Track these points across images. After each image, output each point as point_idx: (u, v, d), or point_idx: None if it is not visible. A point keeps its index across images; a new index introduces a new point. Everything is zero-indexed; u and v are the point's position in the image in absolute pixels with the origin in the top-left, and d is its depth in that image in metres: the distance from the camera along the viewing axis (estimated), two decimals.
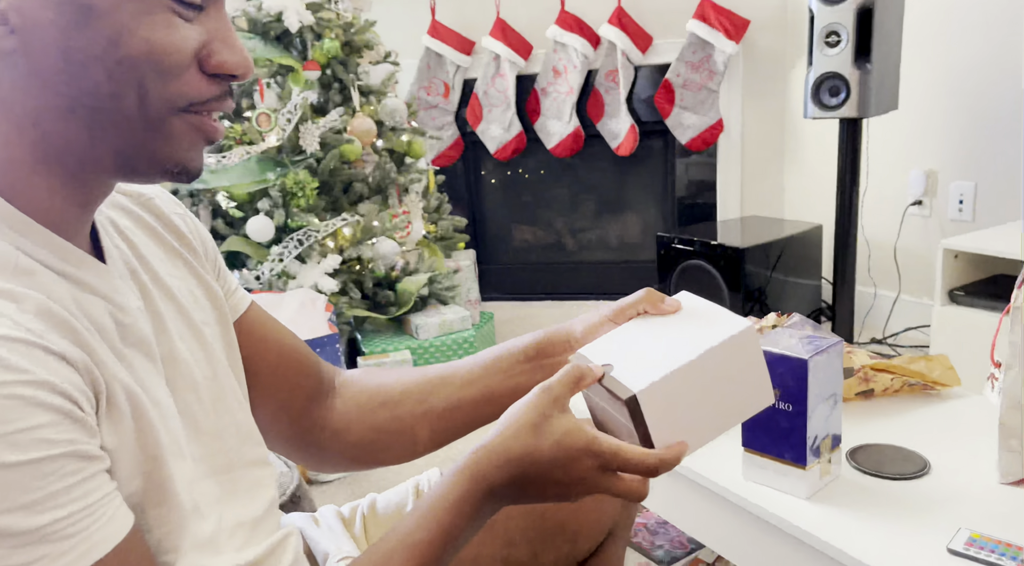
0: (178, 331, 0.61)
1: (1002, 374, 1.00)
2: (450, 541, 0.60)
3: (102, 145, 0.50)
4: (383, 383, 0.80)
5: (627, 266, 3.40)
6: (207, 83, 0.52)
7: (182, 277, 0.66)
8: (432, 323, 2.35)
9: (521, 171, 3.44)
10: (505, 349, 0.77)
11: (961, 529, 0.90)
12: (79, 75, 0.48)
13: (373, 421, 0.77)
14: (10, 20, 0.46)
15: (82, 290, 0.52)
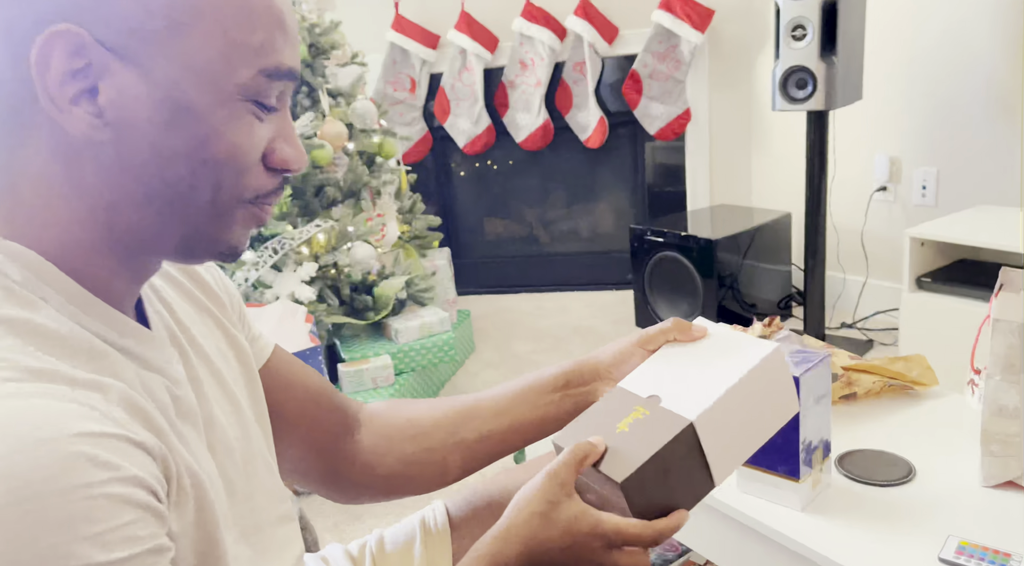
0: (213, 394, 0.63)
1: (983, 381, 1.04)
2: None
3: (169, 232, 0.53)
4: (412, 417, 0.82)
5: (600, 257, 3.42)
6: (269, 177, 0.56)
7: (211, 334, 0.68)
8: (411, 327, 2.35)
9: (491, 164, 3.44)
10: (534, 379, 0.80)
11: (950, 537, 0.94)
12: (163, 169, 0.51)
13: (403, 453, 0.80)
14: (106, 114, 0.49)
15: (143, 367, 0.55)
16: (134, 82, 0.49)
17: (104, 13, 0.48)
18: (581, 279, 3.41)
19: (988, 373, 1.00)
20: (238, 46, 0.51)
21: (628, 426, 0.68)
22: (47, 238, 0.51)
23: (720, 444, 0.69)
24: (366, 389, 2.23)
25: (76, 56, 0.48)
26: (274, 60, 0.53)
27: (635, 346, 0.77)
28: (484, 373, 2.67)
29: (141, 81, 0.49)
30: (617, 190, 3.39)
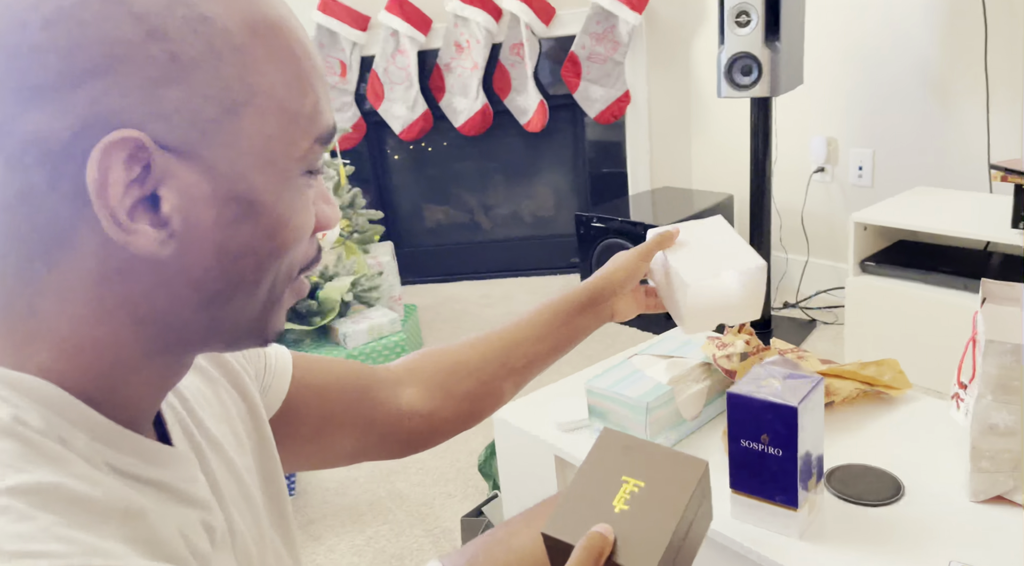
0: (232, 498, 0.58)
1: (972, 399, 1.04)
2: None
3: (219, 329, 0.48)
4: (460, 360, 0.85)
5: (543, 241, 3.37)
6: (311, 245, 0.51)
7: (222, 406, 0.62)
8: (360, 330, 2.25)
9: (428, 148, 3.33)
10: (561, 302, 0.89)
11: (952, 563, 0.94)
12: (228, 271, 0.45)
13: (463, 392, 0.84)
14: (172, 223, 0.42)
15: (178, 501, 0.49)
16: (197, 181, 0.42)
17: (158, 108, 0.41)
18: (525, 264, 3.36)
19: (979, 393, 1.00)
20: (294, 117, 0.45)
21: (626, 503, 0.64)
22: (73, 365, 0.44)
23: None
24: None
25: (133, 162, 0.40)
26: (325, 123, 0.48)
27: (639, 261, 0.93)
28: None
29: (204, 179, 0.43)
30: (559, 174, 3.34)
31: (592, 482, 0.65)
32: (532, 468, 1.39)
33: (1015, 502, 1.04)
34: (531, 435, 1.34)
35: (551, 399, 1.44)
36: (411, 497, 1.95)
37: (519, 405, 1.44)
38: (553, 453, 1.31)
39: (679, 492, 0.63)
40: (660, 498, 0.62)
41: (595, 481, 0.65)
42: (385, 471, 2.07)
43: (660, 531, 0.61)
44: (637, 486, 0.64)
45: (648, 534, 0.61)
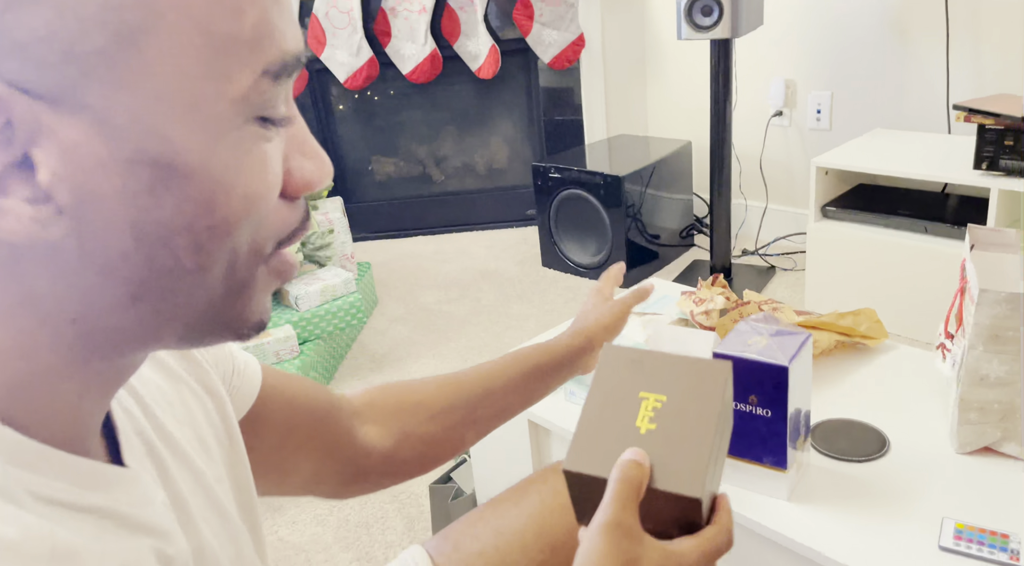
0: (200, 511, 0.49)
1: (962, 350, 1.01)
2: None
3: (169, 327, 0.38)
4: (422, 401, 0.79)
5: (498, 193, 3.28)
6: (290, 211, 0.40)
7: (187, 411, 0.53)
8: (312, 291, 2.15)
9: (375, 98, 3.17)
10: (538, 357, 0.84)
11: (944, 520, 0.92)
12: (154, 255, 0.35)
13: (423, 434, 0.77)
14: (57, 196, 0.32)
15: (128, 532, 0.40)
16: (85, 138, 0.32)
17: (10, 37, 0.30)
18: (480, 217, 3.27)
19: (970, 343, 0.97)
20: (225, 43, 0.34)
21: (651, 422, 0.55)
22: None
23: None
24: (269, 364, 2.03)
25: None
26: (278, 48, 0.36)
27: (619, 318, 0.89)
28: (392, 330, 2.52)
29: (96, 135, 0.32)
30: (512, 122, 3.23)
31: (607, 405, 0.56)
32: (503, 432, 1.33)
33: (1002, 453, 1.02)
34: None
35: None
36: None
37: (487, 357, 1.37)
38: (526, 417, 1.25)
39: (708, 400, 0.55)
40: (688, 410, 0.54)
41: (610, 403, 0.56)
42: None
43: (698, 446, 0.53)
44: (659, 401, 0.56)
45: (685, 452, 0.53)
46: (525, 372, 0.82)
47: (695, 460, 0.53)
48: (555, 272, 2.84)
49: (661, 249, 2.81)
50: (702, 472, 0.53)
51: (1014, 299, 0.93)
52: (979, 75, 2.26)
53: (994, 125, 1.88)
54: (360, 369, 2.30)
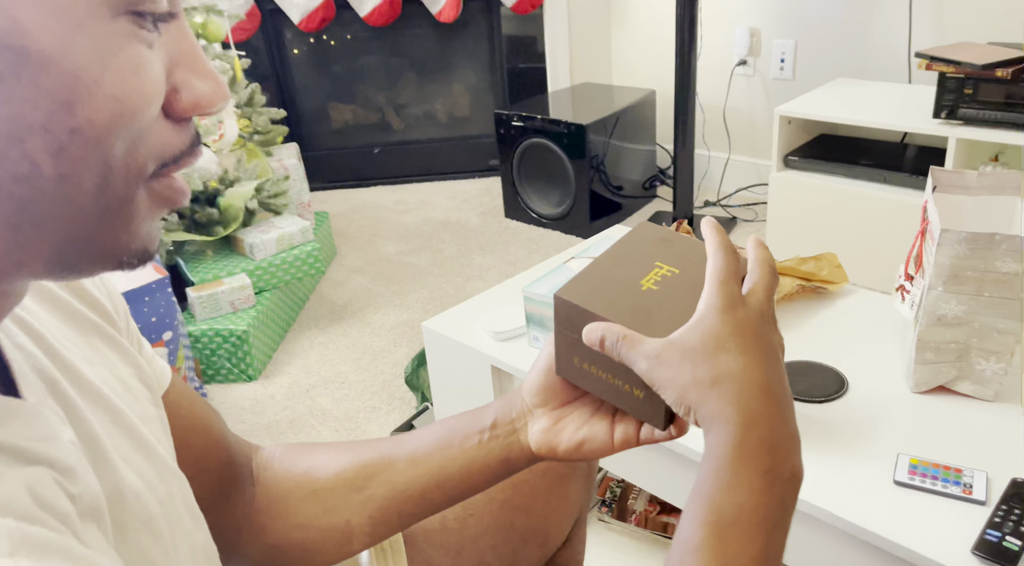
0: (120, 451, 0.45)
1: (921, 291, 1.01)
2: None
3: (34, 248, 0.34)
4: (312, 467, 0.65)
5: (460, 142, 3.22)
6: (175, 131, 0.36)
7: (104, 360, 0.49)
8: (268, 240, 2.09)
9: (332, 42, 3.07)
10: (454, 422, 0.64)
11: (899, 456, 0.93)
12: (7, 156, 0.31)
13: (300, 516, 0.63)
14: None
15: (21, 461, 0.36)
16: None
17: None
18: (443, 167, 3.21)
19: (930, 284, 0.98)
20: None
21: (655, 284, 0.55)
22: None
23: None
24: (223, 314, 1.99)
25: None
26: None
27: (560, 379, 0.62)
28: (352, 281, 2.48)
29: None
30: (474, 69, 3.16)
31: (620, 262, 0.57)
32: (467, 380, 1.31)
33: (956, 391, 1.04)
34: (465, 345, 1.27)
35: (483, 308, 1.36)
36: (334, 412, 1.86)
37: (449, 315, 1.35)
38: (490, 363, 1.24)
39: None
40: (695, 285, 0.54)
41: (624, 261, 0.57)
42: (304, 386, 1.97)
43: (689, 310, 0.53)
44: (671, 271, 0.56)
45: (678, 312, 0.53)
46: (434, 440, 0.63)
47: (684, 319, 0.53)
48: (518, 223, 2.81)
49: (624, 200, 2.79)
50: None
51: (974, 239, 0.93)
52: (941, 25, 2.26)
53: (954, 73, 1.89)
54: (319, 320, 2.26)
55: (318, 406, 1.90)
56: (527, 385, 0.62)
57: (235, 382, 2.01)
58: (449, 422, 0.64)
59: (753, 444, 0.46)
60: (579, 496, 0.86)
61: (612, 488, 1.40)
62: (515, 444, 0.61)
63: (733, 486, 0.45)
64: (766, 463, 0.45)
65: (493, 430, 0.62)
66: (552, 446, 0.59)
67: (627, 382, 0.55)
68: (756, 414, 0.46)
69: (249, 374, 2.00)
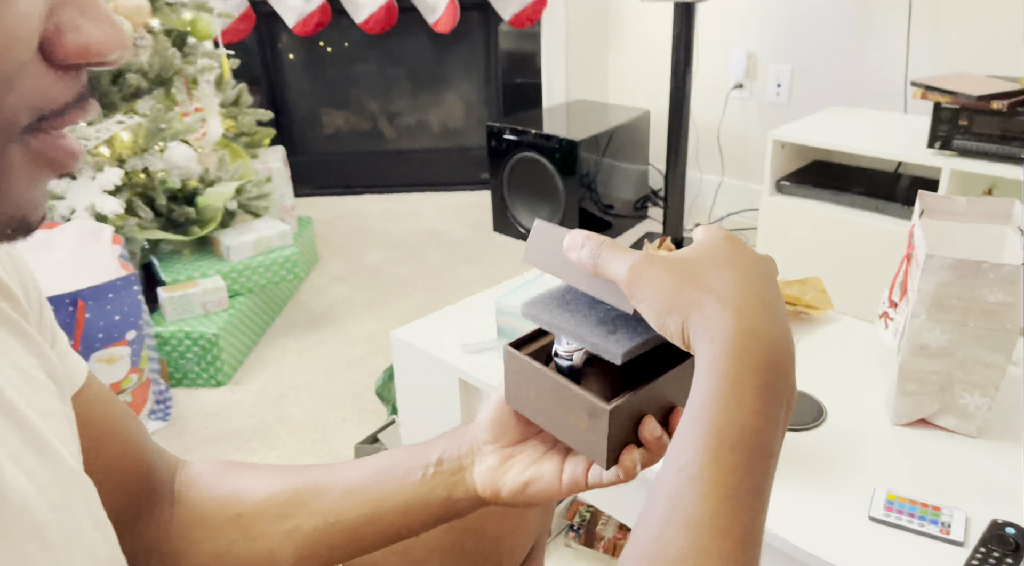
0: (6, 446, 0.40)
1: (905, 319, 0.97)
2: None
3: None
4: (239, 488, 0.59)
5: (452, 153, 3.19)
6: (56, 79, 0.31)
7: (3, 351, 0.44)
8: (246, 242, 2.04)
9: (326, 47, 3.04)
10: (398, 454, 0.59)
11: (876, 490, 0.88)
12: None
13: (219, 542, 0.58)
14: None
15: None
16: None
17: None
18: (434, 177, 3.17)
19: (913, 311, 0.93)
20: None
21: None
22: None
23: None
24: (195, 316, 1.94)
25: None
26: None
27: (513, 414, 0.57)
28: (332, 288, 2.43)
29: None
30: (469, 81, 3.13)
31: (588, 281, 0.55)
32: (434, 392, 1.27)
33: (938, 425, 0.99)
34: (433, 356, 1.22)
35: (455, 319, 1.31)
36: (302, 421, 1.81)
37: (420, 325, 1.30)
38: (457, 376, 1.19)
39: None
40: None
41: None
42: (274, 394, 1.91)
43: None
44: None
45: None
46: (374, 471, 0.58)
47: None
48: (506, 237, 2.77)
49: (614, 220, 2.76)
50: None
51: (961, 266, 0.89)
52: (939, 55, 2.24)
53: (950, 103, 1.86)
54: (295, 327, 2.21)
55: (286, 415, 1.84)
56: (479, 419, 0.57)
57: (203, 387, 1.95)
58: (394, 454, 0.59)
59: (755, 357, 0.40)
60: (537, 519, 0.81)
61: (581, 513, 1.35)
62: (460, 483, 0.56)
63: (734, 406, 0.40)
64: (766, 379, 0.40)
65: (438, 466, 0.57)
66: (496, 487, 0.55)
67: (571, 410, 0.51)
68: (757, 323, 0.41)
69: (218, 379, 1.94)
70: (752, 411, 0.40)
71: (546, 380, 0.51)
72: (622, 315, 0.50)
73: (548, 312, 0.52)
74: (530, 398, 0.53)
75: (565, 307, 0.52)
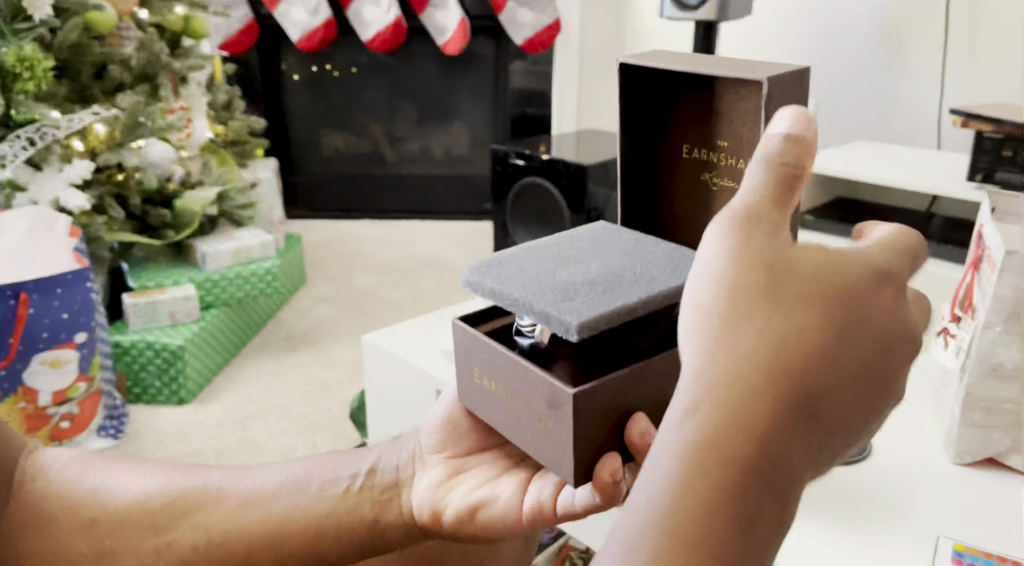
0: None
1: (972, 333, 0.80)
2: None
3: None
4: (104, 485, 0.44)
5: (454, 181, 3.06)
6: None
7: None
8: (224, 250, 1.89)
9: (330, 66, 2.95)
10: (321, 459, 0.44)
11: (940, 539, 0.70)
12: None
13: (60, 555, 0.43)
14: None
15: None
16: None
17: None
18: (433, 205, 3.04)
19: (985, 323, 0.76)
20: None
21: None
22: None
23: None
24: (161, 326, 1.77)
25: None
26: None
27: (468, 416, 0.42)
28: (317, 309, 2.27)
29: None
30: (476, 106, 3.02)
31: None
32: (408, 407, 1.09)
33: (1008, 466, 0.81)
34: (410, 364, 1.05)
35: (435, 325, 1.15)
36: (268, 446, 1.63)
37: (395, 331, 1.14)
38: (435, 387, 1.02)
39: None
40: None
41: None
42: (240, 415, 1.74)
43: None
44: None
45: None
46: (284, 479, 0.43)
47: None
48: None
49: None
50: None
51: None
52: (976, 87, 2.11)
53: (993, 133, 1.72)
54: (272, 346, 2.04)
55: (250, 438, 1.66)
56: (426, 420, 0.43)
57: (164, 404, 1.77)
58: (315, 459, 0.44)
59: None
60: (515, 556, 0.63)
61: (572, 560, 1.15)
62: (393, 502, 0.41)
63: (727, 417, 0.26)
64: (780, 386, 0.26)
65: (369, 477, 0.42)
66: (437, 509, 0.40)
67: (529, 403, 0.37)
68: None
69: (181, 396, 1.77)
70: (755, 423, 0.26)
71: (499, 359, 0.38)
72: (609, 276, 0.36)
73: (494, 275, 0.37)
74: (484, 390, 0.40)
75: (524, 268, 0.37)
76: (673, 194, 0.44)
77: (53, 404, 1.50)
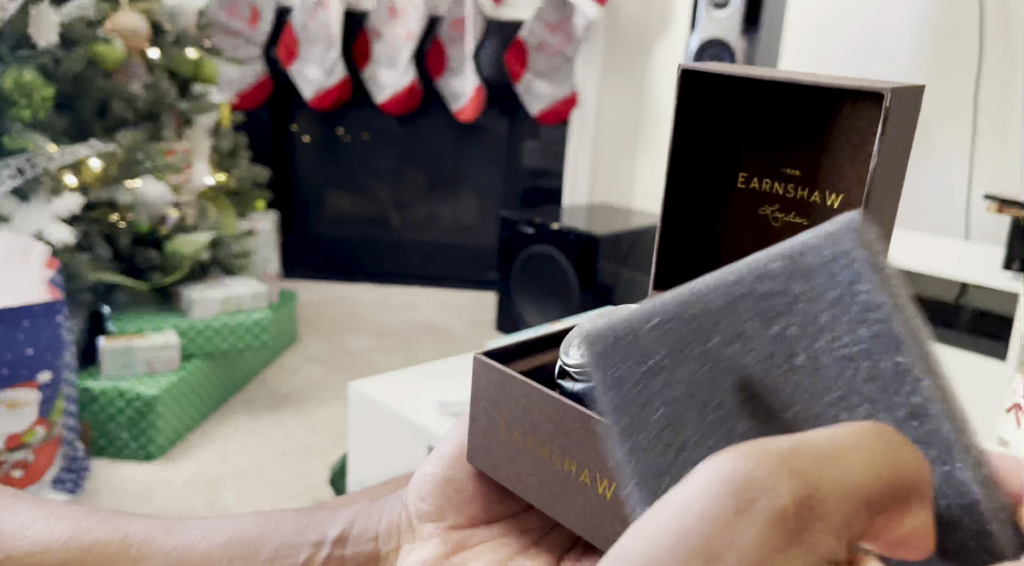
0: None
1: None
2: None
3: None
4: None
5: (460, 250, 2.98)
6: None
7: None
8: (212, 298, 1.78)
9: (341, 129, 2.91)
10: (280, 521, 0.34)
11: None
12: None
13: None
14: None
15: None
16: None
17: None
18: (437, 273, 2.95)
19: None
20: None
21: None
22: None
23: None
24: (137, 374, 1.64)
25: None
26: None
27: (475, 475, 0.33)
28: (304, 369, 2.13)
29: None
30: (487, 175, 2.98)
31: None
32: (395, 464, 0.96)
33: None
34: (400, 416, 0.92)
35: (429, 378, 1.03)
36: (236, 511, 1.46)
37: (385, 379, 1.02)
38: (428, 442, 0.89)
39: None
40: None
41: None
42: (211, 476, 1.58)
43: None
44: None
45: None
46: (230, 537, 0.34)
47: None
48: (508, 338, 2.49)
49: None
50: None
51: None
52: (1006, 176, 2.05)
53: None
54: (254, 404, 1.90)
55: (219, 501, 1.50)
56: (419, 477, 0.34)
57: (130, 459, 1.62)
58: (271, 516, 0.34)
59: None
60: None
61: None
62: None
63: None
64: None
65: (338, 547, 0.33)
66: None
67: (585, 464, 0.29)
68: None
69: (149, 451, 1.62)
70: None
71: (543, 407, 0.30)
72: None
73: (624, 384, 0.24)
74: (511, 447, 0.31)
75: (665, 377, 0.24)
76: (721, 230, 0.38)
77: (6, 449, 1.35)
